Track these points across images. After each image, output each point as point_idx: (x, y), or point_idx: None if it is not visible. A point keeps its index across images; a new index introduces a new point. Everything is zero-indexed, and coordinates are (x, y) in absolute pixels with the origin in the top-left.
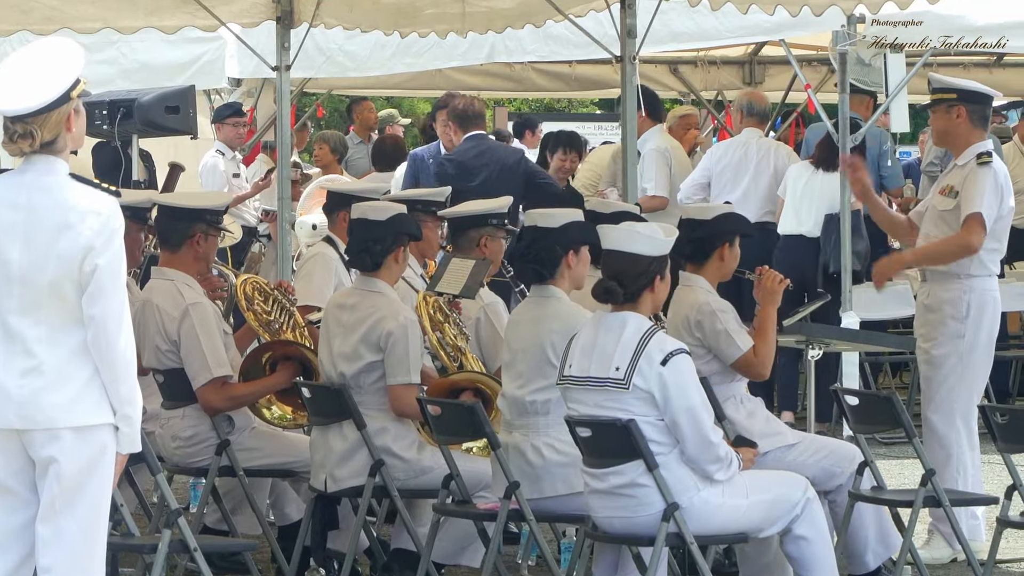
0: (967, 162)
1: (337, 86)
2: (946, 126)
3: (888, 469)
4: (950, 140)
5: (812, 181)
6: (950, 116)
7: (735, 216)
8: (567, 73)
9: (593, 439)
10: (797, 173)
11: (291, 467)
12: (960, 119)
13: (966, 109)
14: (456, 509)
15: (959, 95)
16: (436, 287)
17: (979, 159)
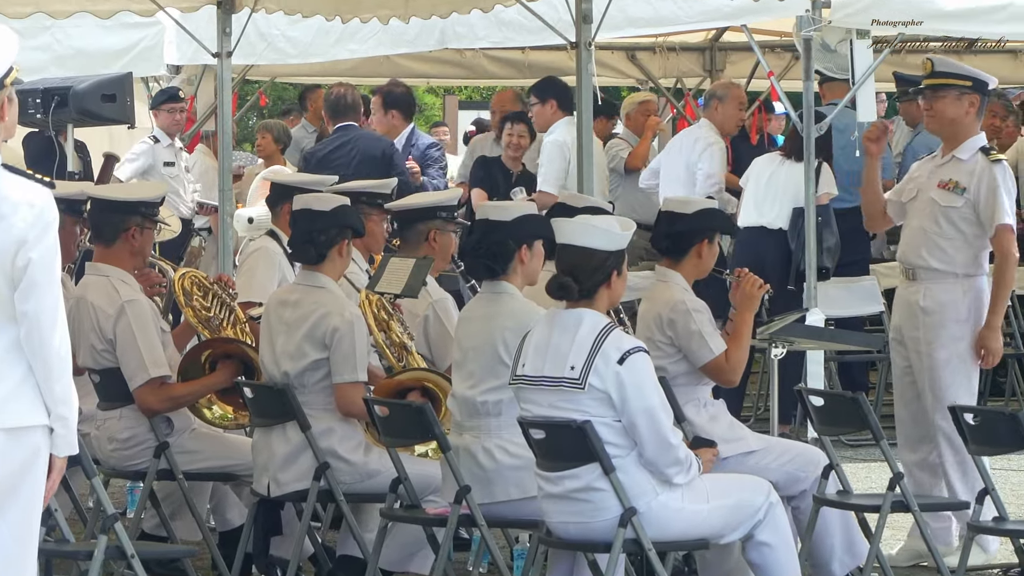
0: (970, 156)
1: (280, 73)
2: (956, 115)
3: (855, 473)
4: (953, 129)
5: (778, 172)
6: (961, 104)
7: (716, 212)
8: (520, 60)
9: (547, 441)
10: (763, 164)
11: (232, 470)
12: (972, 109)
13: (979, 99)
14: (404, 514)
15: (974, 84)
16: (376, 287)
17: (988, 155)
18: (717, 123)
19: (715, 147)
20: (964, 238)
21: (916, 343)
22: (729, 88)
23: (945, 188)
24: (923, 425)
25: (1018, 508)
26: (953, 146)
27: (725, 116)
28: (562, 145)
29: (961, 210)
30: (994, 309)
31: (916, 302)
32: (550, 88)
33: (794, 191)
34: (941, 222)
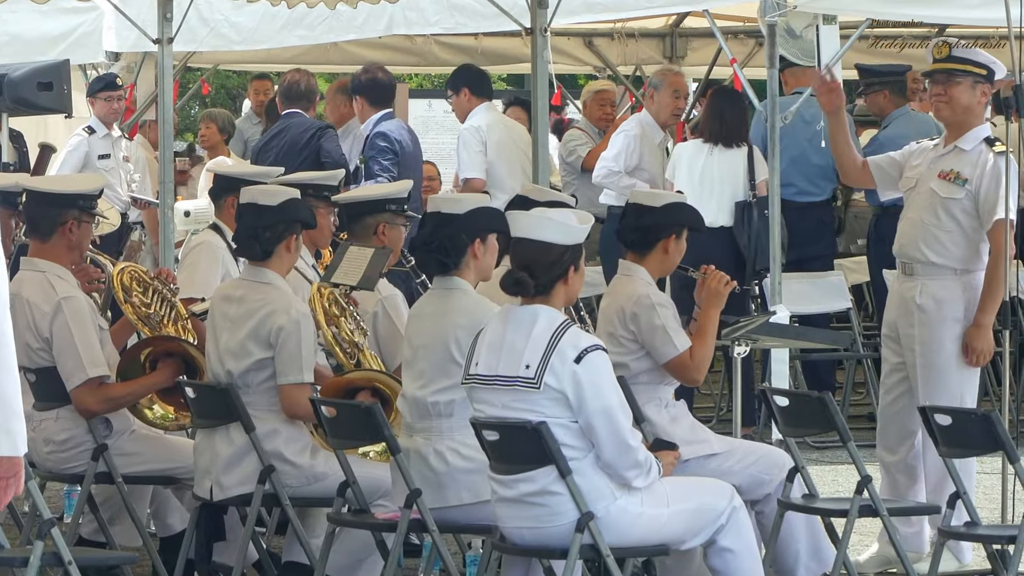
0: (974, 147)
1: (223, 61)
2: (970, 104)
3: (821, 476)
4: (965, 118)
5: (709, 164)
6: (974, 93)
7: (686, 208)
8: (473, 47)
9: (501, 443)
10: (690, 154)
11: (174, 473)
12: (983, 99)
13: (989, 89)
14: (352, 519)
15: (988, 74)
16: (332, 278)
17: (992, 147)
18: (652, 113)
19: (620, 134)
20: (963, 232)
21: (911, 341)
22: (665, 75)
23: (946, 179)
24: (908, 425)
25: (991, 512)
26: (957, 135)
27: (660, 105)
28: (476, 129)
29: (961, 202)
30: (983, 307)
31: (912, 299)
32: (459, 78)
33: (732, 183)
34: (940, 214)
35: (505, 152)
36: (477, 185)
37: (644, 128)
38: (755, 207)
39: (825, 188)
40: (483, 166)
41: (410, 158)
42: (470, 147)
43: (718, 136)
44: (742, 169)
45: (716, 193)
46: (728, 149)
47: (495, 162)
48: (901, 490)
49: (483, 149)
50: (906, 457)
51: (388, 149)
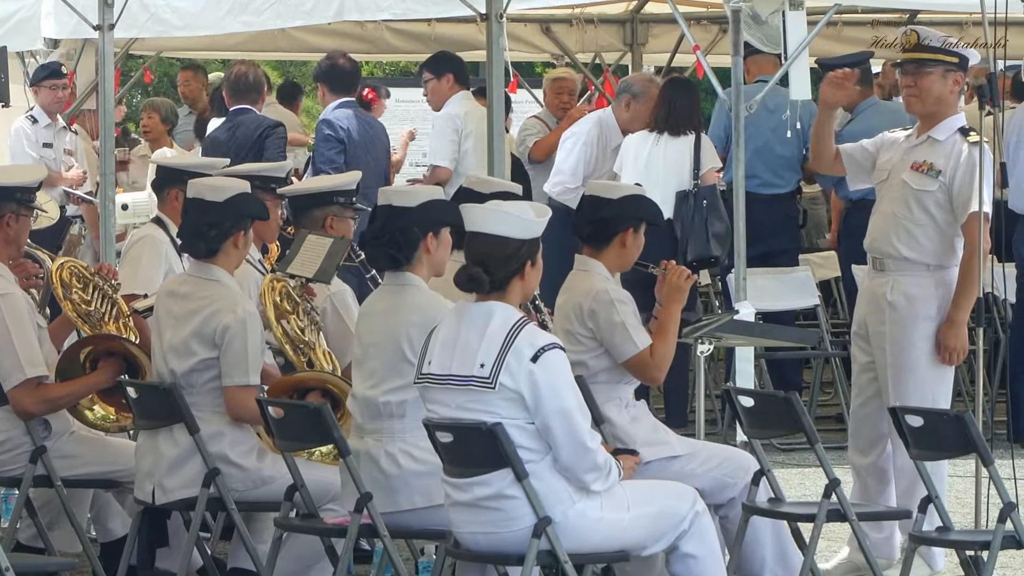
0: (948, 137)
1: (166, 48)
2: (942, 93)
3: (787, 479)
4: (937, 108)
5: (655, 154)
6: (946, 82)
7: (644, 200)
8: (426, 33)
9: (455, 445)
10: (637, 144)
11: (115, 476)
12: (956, 88)
13: (962, 77)
14: (301, 524)
15: (960, 61)
16: (288, 268)
17: (967, 137)
18: (622, 121)
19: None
20: (936, 225)
21: (881, 339)
22: (648, 86)
23: (918, 170)
24: (879, 427)
25: (964, 517)
26: (930, 125)
27: (636, 115)
28: (453, 117)
29: (935, 195)
30: (957, 303)
31: (883, 295)
32: (445, 63)
33: (677, 174)
34: (913, 207)
35: (480, 144)
36: (442, 175)
37: (603, 131)
38: (693, 197)
39: (790, 180)
40: (453, 156)
41: (361, 148)
42: (444, 135)
43: (665, 125)
44: (688, 159)
45: (661, 185)
46: (675, 138)
47: (469, 152)
48: (872, 494)
49: (457, 138)
50: (877, 460)
51: (332, 138)
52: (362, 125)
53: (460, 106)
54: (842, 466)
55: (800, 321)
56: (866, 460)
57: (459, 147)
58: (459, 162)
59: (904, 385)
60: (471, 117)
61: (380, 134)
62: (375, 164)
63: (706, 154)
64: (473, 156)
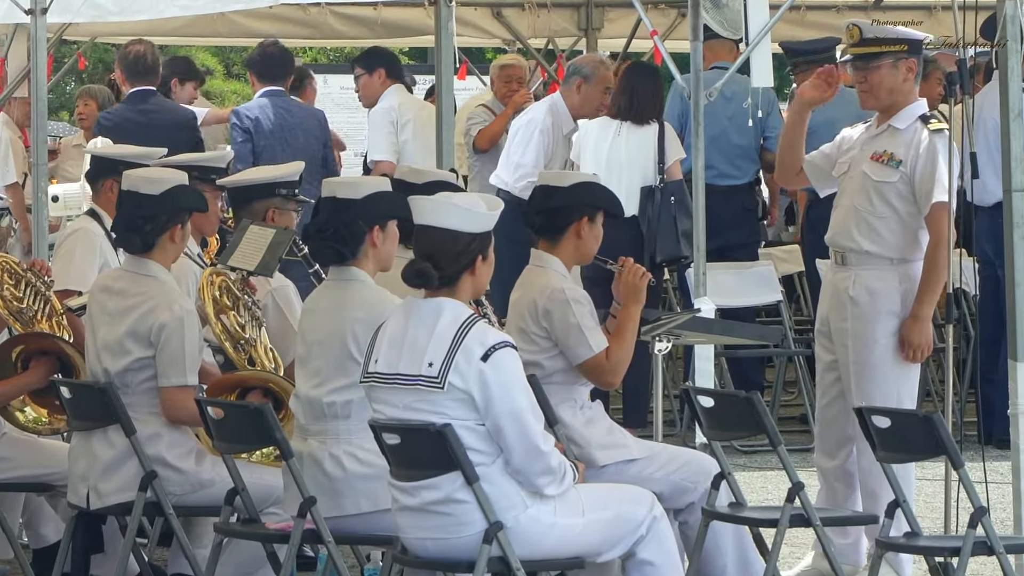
0: (908, 126)
1: (101, 33)
2: (894, 84)
3: (749, 483)
4: (892, 100)
5: (617, 145)
6: (898, 72)
7: (597, 187)
8: (372, 18)
9: (402, 447)
10: (597, 133)
11: (48, 480)
12: (911, 75)
13: (916, 63)
14: (242, 529)
15: (910, 47)
16: (229, 260)
17: (927, 124)
18: (573, 103)
19: (534, 130)
20: (899, 218)
21: (843, 336)
22: (597, 67)
23: (878, 161)
24: (846, 429)
25: (933, 522)
26: (891, 114)
27: (586, 98)
28: (388, 110)
29: (896, 185)
30: (921, 298)
31: (845, 290)
32: (377, 57)
33: (641, 167)
34: (874, 199)
35: (421, 133)
36: (386, 168)
37: (556, 117)
38: (660, 192)
39: (748, 170)
40: (393, 148)
41: (276, 138)
42: (380, 128)
43: (627, 113)
44: (652, 150)
45: (624, 179)
46: (638, 127)
47: (409, 143)
48: (839, 498)
49: (394, 130)
50: (844, 463)
51: (237, 127)
52: (280, 114)
53: (394, 98)
54: (806, 469)
55: (761, 318)
56: (833, 463)
57: (397, 139)
58: (400, 154)
59: (867, 384)
60: (406, 108)
61: (306, 123)
62: (300, 155)
63: (670, 145)
64: (414, 146)
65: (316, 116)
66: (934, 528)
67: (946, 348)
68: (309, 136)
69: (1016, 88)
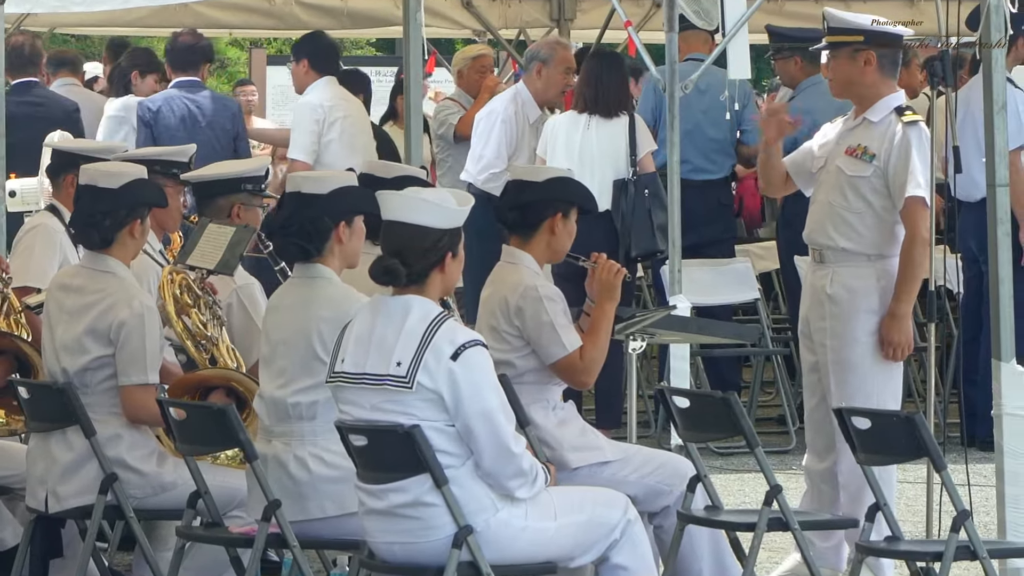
0: (882, 118)
1: (61, 24)
2: (851, 75)
3: (726, 485)
4: (856, 92)
5: (588, 139)
6: (855, 63)
7: (572, 184)
8: (338, 8)
9: (369, 449)
10: (566, 127)
11: (5, 482)
12: (869, 67)
13: (876, 55)
14: (204, 533)
15: (867, 37)
16: (188, 260)
17: (902, 116)
18: (537, 90)
19: (495, 120)
20: (874, 213)
21: (822, 335)
22: (555, 49)
23: (852, 155)
24: (833, 431)
25: (915, 526)
26: (865, 107)
27: (549, 82)
28: (314, 107)
29: (870, 180)
30: (898, 295)
31: (823, 288)
32: (304, 46)
33: (613, 160)
34: (848, 194)
35: (348, 133)
36: (299, 168)
37: (520, 105)
38: (633, 186)
39: (723, 164)
40: (313, 148)
41: (178, 131)
42: (301, 126)
43: (595, 105)
44: (623, 143)
45: (597, 173)
46: (607, 120)
47: (334, 142)
48: (825, 501)
49: (317, 128)
50: (833, 466)
51: (140, 120)
52: (184, 106)
53: (322, 93)
54: (784, 471)
55: (737, 316)
56: (821, 465)
57: (320, 138)
58: (322, 154)
59: (847, 384)
60: (337, 106)
61: (215, 115)
62: (205, 148)
63: (642, 137)
64: (338, 146)
65: (229, 108)
66: (916, 532)
67: (928, 347)
68: (216, 128)
69: (1000, 81)
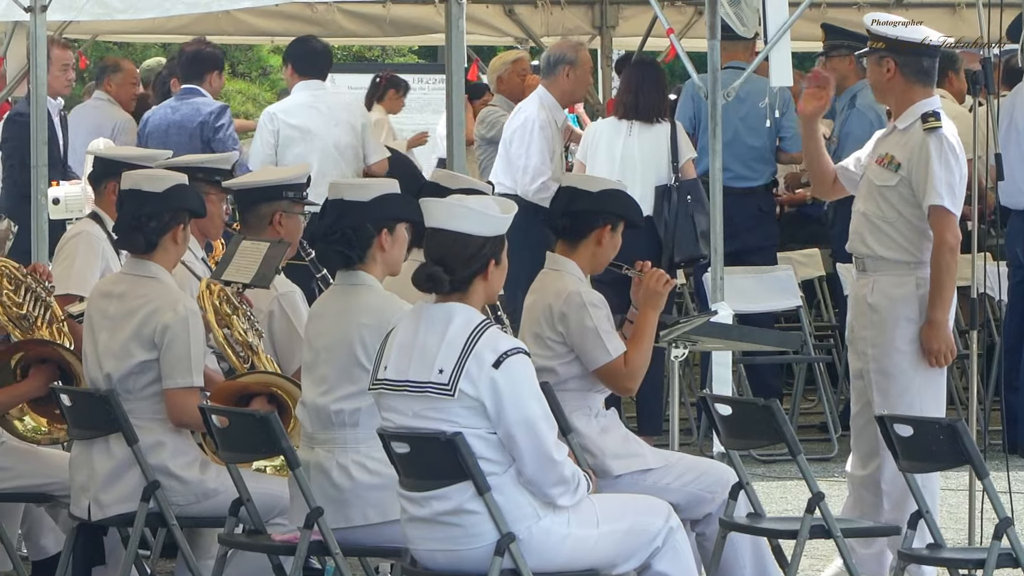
0: (909, 125)
1: (103, 31)
2: (876, 81)
3: (768, 493)
4: (887, 98)
5: (630, 145)
6: (880, 70)
7: (624, 197)
8: (380, 16)
9: (412, 456)
10: (607, 134)
11: (48, 490)
12: (890, 74)
13: (895, 62)
14: (247, 540)
15: (887, 45)
16: (223, 275)
17: (925, 122)
18: (563, 93)
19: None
20: (906, 221)
21: (864, 344)
22: (579, 50)
23: (881, 164)
24: (875, 438)
25: (956, 534)
26: (897, 115)
27: (577, 83)
28: (271, 116)
29: (897, 189)
30: (933, 303)
31: (864, 297)
32: (292, 50)
33: (655, 167)
34: (880, 204)
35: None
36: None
37: (548, 110)
38: (676, 191)
39: (762, 172)
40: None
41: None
42: (259, 133)
43: (635, 111)
44: (665, 149)
45: (639, 179)
46: (648, 126)
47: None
48: (866, 508)
49: (274, 140)
50: (875, 472)
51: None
52: (164, 115)
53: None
54: (826, 479)
55: (780, 324)
56: (863, 472)
57: (275, 148)
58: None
59: (889, 392)
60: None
61: (187, 120)
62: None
63: (683, 144)
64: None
65: (201, 112)
66: (958, 539)
67: (970, 354)
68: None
69: None
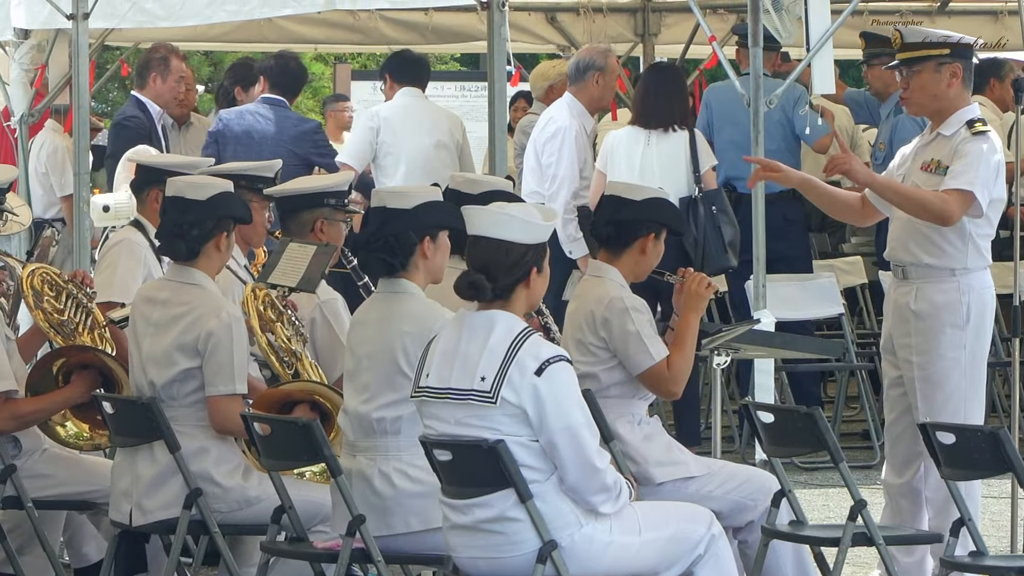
0: (955, 131)
1: (145, 39)
2: (936, 89)
3: (810, 500)
4: (936, 106)
5: (649, 154)
6: (941, 77)
7: (668, 205)
8: (423, 23)
9: (454, 464)
10: (627, 142)
11: (90, 497)
12: (956, 80)
13: (962, 67)
14: (289, 548)
15: (953, 51)
16: (269, 278)
17: (972, 128)
18: (591, 99)
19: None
20: (955, 228)
21: (907, 351)
22: (608, 56)
23: (927, 170)
24: (914, 445)
25: (999, 541)
26: (940, 122)
27: (606, 89)
28: (372, 115)
29: None
30: (885, 183)
31: (907, 304)
32: (389, 62)
33: (674, 175)
34: None
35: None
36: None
37: (578, 117)
38: (701, 203)
39: None
40: (363, 154)
41: (236, 147)
42: (354, 130)
43: (651, 119)
44: (684, 158)
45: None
46: (666, 134)
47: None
48: (904, 516)
49: (369, 136)
50: (912, 480)
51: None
52: (251, 120)
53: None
54: (869, 487)
55: (822, 331)
56: (900, 480)
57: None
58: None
59: (933, 400)
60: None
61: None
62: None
63: (703, 152)
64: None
65: (300, 129)
66: (1000, 547)
67: (1012, 362)
68: (281, 148)
69: None
